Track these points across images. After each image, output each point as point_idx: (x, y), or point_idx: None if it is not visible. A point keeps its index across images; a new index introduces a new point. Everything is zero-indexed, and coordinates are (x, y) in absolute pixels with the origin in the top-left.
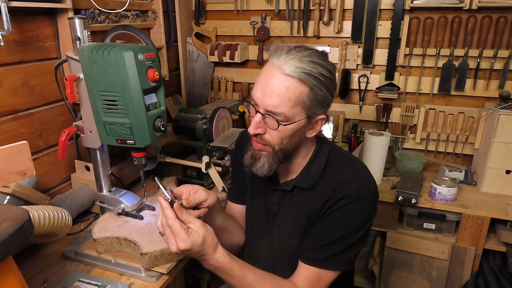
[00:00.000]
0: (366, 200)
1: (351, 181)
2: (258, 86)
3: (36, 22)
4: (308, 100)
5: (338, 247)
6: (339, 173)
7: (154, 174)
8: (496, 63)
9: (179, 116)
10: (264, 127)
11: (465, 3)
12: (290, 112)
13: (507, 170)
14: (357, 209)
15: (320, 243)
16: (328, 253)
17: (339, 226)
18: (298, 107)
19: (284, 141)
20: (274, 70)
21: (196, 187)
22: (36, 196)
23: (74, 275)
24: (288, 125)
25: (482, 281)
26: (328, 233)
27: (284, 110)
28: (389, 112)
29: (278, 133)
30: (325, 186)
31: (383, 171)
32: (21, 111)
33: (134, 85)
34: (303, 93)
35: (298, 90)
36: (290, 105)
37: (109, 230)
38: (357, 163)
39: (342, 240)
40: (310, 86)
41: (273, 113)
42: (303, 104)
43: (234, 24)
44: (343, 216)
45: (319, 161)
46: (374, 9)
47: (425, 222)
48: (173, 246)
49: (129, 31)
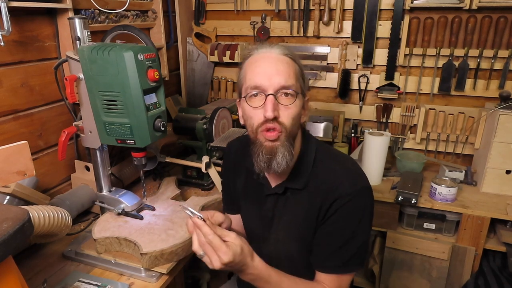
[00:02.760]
0: (361, 195)
1: (343, 181)
2: (259, 74)
3: (36, 22)
4: (301, 77)
5: (350, 249)
6: (329, 173)
7: (154, 174)
8: (496, 63)
9: (179, 116)
10: (278, 109)
11: (465, 3)
12: (297, 84)
13: (507, 170)
14: (355, 207)
15: (332, 248)
16: (342, 257)
17: (344, 227)
18: (298, 82)
19: (294, 121)
20: (268, 54)
21: (212, 211)
22: (36, 196)
23: (74, 275)
24: (297, 99)
25: (482, 281)
26: (336, 237)
27: (294, 82)
28: (389, 112)
29: (291, 112)
30: (317, 186)
31: (383, 171)
32: (21, 111)
33: (134, 85)
34: (297, 69)
35: (294, 66)
36: (295, 78)
37: (109, 230)
38: (345, 159)
39: (352, 240)
40: (298, 64)
41: (287, 87)
42: (300, 80)
43: (234, 24)
44: (344, 216)
45: (307, 159)
46: (374, 9)
47: (425, 222)
48: (216, 262)
49: (129, 31)
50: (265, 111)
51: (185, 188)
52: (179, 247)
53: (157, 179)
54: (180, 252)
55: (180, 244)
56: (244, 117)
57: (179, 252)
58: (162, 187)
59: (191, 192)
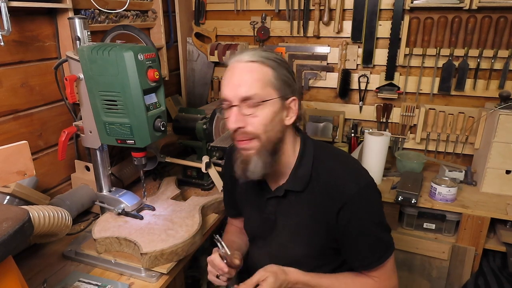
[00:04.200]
0: (369, 189)
1: (347, 181)
2: (225, 85)
3: (36, 22)
4: (275, 80)
5: (380, 239)
6: (331, 173)
7: (154, 174)
8: (496, 63)
9: (179, 116)
10: (243, 119)
11: (465, 3)
12: (263, 92)
13: (507, 170)
14: (367, 202)
15: (365, 248)
16: (377, 250)
17: (366, 225)
18: (268, 88)
19: (268, 127)
20: (235, 64)
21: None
22: (36, 196)
23: (74, 275)
24: (262, 106)
25: (482, 281)
26: (363, 237)
27: (256, 91)
28: (389, 112)
29: (259, 119)
30: (320, 187)
31: (383, 171)
32: (21, 111)
33: (134, 85)
34: (268, 73)
35: (262, 71)
36: (260, 85)
37: (109, 230)
38: (345, 158)
39: (377, 232)
40: (271, 66)
41: (248, 98)
42: (271, 85)
43: (234, 24)
44: (360, 215)
45: (306, 159)
46: (374, 9)
47: (425, 222)
48: None
49: (129, 31)
50: (228, 122)
51: (185, 188)
52: (179, 247)
53: (157, 179)
54: (180, 252)
55: (180, 244)
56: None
57: (179, 252)
58: (162, 187)
59: (191, 192)
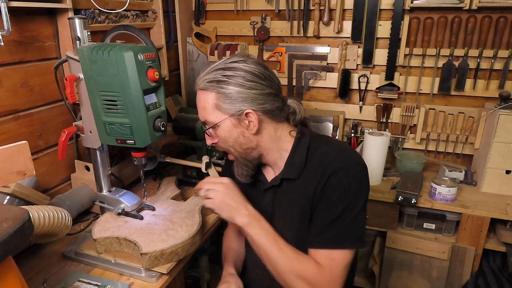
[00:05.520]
0: (355, 169)
1: (336, 157)
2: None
3: (36, 22)
4: (220, 102)
5: (342, 223)
6: (324, 155)
7: (154, 174)
8: (496, 63)
9: (179, 116)
10: (213, 137)
11: (465, 3)
12: (212, 117)
13: (507, 170)
14: (349, 179)
15: (324, 224)
16: (334, 231)
17: (337, 201)
18: (216, 111)
19: (230, 144)
20: (196, 88)
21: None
22: (36, 196)
23: (74, 275)
24: (217, 128)
25: (482, 281)
26: (329, 212)
27: (207, 118)
28: (389, 112)
29: (220, 139)
30: (312, 170)
31: (383, 171)
32: (21, 111)
33: (134, 85)
34: (211, 98)
35: (206, 98)
36: (208, 111)
37: (109, 230)
38: (339, 143)
39: (345, 215)
40: (214, 90)
41: (206, 123)
42: (218, 107)
43: (234, 24)
44: (337, 190)
45: (300, 150)
46: (374, 9)
47: (425, 222)
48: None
49: (129, 31)
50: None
51: (185, 188)
52: (179, 247)
53: (157, 179)
54: (180, 252)
55: (180, 244)
56: None
57: (179, 252)
58: (162, 187)
59: (191, 192)
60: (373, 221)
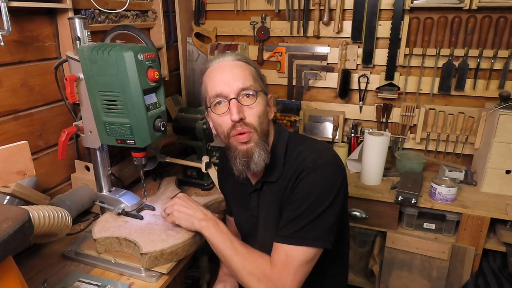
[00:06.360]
0: (324, 169)
1: (307, 157)
2: (218, 82)
3: (36, 22)
4: (258, 77)
5: (303, 221)
6: (298, 156)
7: (154, 174)
8: (496, 63)
9: (179, 116)
10: (242, 110)
11: (465, 3)
12: (255, 84)
13: (507, 170)
14: (315, 179)
15: (287, 221)
16: (294, 228)
17: (302, 200)
18: (256, 82)
19: (262, 119)
20: (222, 63)
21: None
22: (36, 196)
23: (74, 275)
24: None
25: (482, 281)
26: (293, 209)
27: (251, 82)
28: (389, 112)
29: (255, 111)
30: (289, 172)
31: (383, 171)
32: (21, 111)
33: (134, 85)
34: (252, 71)
35: (248, 68)
36: (251, 78)
37: (109, 230)
38: (314, 142)
39: (307, 213)
40: (252, 66)
41: (246, 89)
42: (258, 80)
43: (234, 24)
44: (303, 188)
45: (278, 152)
46: (374, 9)
47: (425, 222)
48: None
49: (129, 31)
50: (231, 114)
51: (185, 188)
52: (179, 247)
53: (157, 179)
54: (180, 252)
55: (180, 244)
56: (215, 126)
57: (179, 252)
58: (162, 187)
59: (191, 192)
60: (373, 221)
